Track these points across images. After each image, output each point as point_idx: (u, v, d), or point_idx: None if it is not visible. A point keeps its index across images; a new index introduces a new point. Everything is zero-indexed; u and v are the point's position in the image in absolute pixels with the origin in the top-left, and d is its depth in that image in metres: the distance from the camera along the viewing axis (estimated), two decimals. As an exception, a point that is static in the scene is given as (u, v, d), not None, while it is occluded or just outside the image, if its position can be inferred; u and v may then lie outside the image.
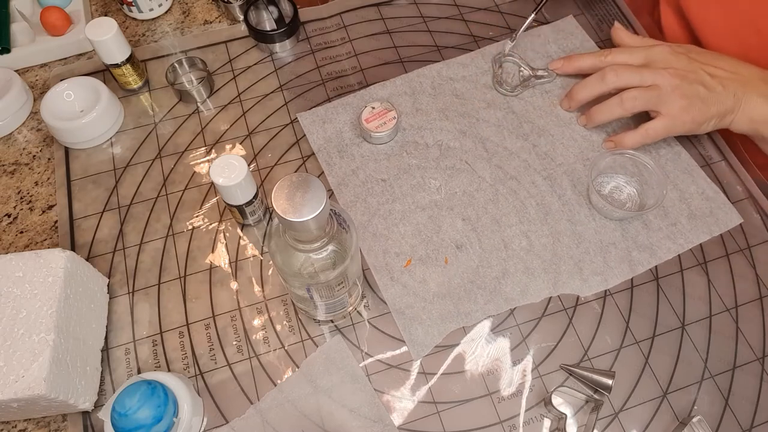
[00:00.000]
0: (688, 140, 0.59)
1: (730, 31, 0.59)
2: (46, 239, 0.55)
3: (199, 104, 0.62)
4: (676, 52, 0.54)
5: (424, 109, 0.61)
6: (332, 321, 0.50)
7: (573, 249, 0.53)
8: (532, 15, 0.62)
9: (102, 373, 0.48)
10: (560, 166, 0.58)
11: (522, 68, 0.63)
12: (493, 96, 0.62)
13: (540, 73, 0.62)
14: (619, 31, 0.60)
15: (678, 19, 0.65)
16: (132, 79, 0.61)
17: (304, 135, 0.60)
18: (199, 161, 0.59)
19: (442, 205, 0.55)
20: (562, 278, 0.52)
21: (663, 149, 0.58)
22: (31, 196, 0.58)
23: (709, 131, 0.55)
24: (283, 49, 0.66)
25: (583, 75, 0.60)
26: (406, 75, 0.63)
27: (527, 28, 0.62)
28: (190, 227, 0.55)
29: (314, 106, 0.62)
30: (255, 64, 0.65)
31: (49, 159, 0.60)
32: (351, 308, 0.50)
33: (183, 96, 0.62)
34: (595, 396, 0.46)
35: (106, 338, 0.49)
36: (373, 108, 0.58)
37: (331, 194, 0.56)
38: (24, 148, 0.61)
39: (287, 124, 0.61)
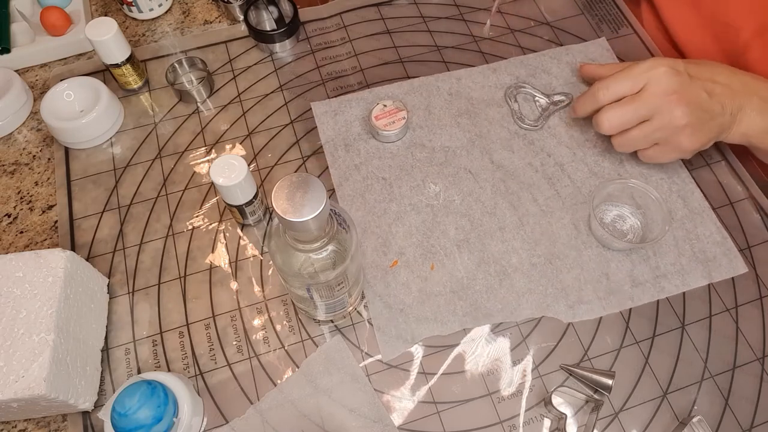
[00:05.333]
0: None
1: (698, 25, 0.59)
2: (46, 239, 0.55)
3: (199, 104, 0.62)
4: (677, 71, 0.51)
5: (436, 114, 0.61)
6: (332, 321, 0.50)
7: (564, 274, 0.52)
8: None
9: (102, 373, 0.48)
10: (565, 188, 0.56)
11: (537, 98, 0.61)
12: (507, 111, 0.61)
13: (556, 98, 0.60)
14: (590, 67, 0.59)
15: (656, 17, 0.65)
16: (132, 79, 0.61)
17: (305, 135, 0.60)
18: (199, 161, 0.59)
19: (438, 210, 0.55)
20: (547, 301, 0.50)
21: (676, 185, 0.56)
22: (31, 196, 0.58)
23: None
24: (283, 49, 0.66)
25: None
26: (425, 77, 0.63)
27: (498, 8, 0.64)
28: (190, 227, 0.55)
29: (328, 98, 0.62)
30: (255, 64, 0.65)
31: (49, 159, 0.60)
32: (351, 308, 0.50)
33: (183, 96, 0.62)
34: (595, 396, 0.46)
35: (106, 338, 0.49)
36: (385, 106, 0.58)
37: (332, 194, 0.56)
38: (24, 148, 0.61)
39: (287, 124, 0.61)
